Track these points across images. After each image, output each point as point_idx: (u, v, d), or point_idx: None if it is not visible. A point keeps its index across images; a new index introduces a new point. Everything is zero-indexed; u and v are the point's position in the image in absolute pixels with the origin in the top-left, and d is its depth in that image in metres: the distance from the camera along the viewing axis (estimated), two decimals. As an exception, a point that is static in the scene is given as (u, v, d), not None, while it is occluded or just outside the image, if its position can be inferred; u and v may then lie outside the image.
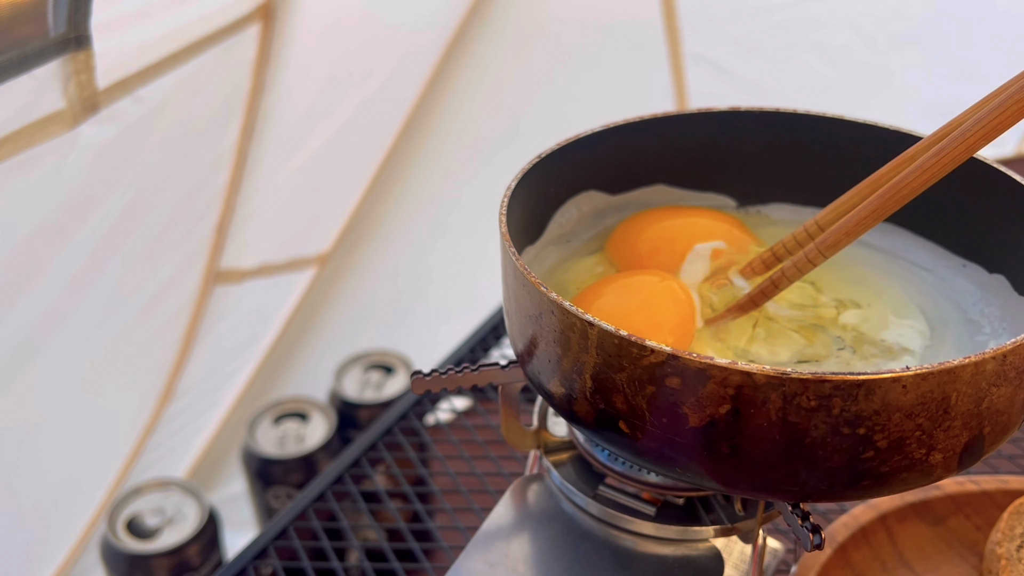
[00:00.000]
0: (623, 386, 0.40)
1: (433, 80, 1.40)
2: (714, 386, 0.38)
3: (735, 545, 0.52)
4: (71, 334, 1.01)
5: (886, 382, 0.37)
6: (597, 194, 0.58)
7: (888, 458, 0.39)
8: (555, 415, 0.58)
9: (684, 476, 0.42)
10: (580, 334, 0.40)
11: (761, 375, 0.37)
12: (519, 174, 0.50)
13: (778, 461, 0.39)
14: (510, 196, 0.48)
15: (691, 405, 0.39)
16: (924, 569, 0.63)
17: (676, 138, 0.57)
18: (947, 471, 0.41)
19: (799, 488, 0.41)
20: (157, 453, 1.25)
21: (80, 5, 0.81)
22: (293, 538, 0.77)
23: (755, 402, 0.38)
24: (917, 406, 0.38)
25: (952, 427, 0.39)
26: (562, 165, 0.54)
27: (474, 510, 0.79)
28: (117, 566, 0.93)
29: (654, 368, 0.39)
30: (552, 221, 0.56)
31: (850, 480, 0.40)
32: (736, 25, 1.32)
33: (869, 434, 0.38)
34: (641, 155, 0.57)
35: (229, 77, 1.10)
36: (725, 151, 0.58)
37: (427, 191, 1.50)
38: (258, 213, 1.25)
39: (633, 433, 0.41)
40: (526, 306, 0.44)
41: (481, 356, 0.98)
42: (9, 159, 0.82)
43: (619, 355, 0.39)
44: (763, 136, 0.57)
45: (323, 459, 1.08)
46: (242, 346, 1.37)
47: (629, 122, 0.55)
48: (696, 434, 0.40)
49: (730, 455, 0.40)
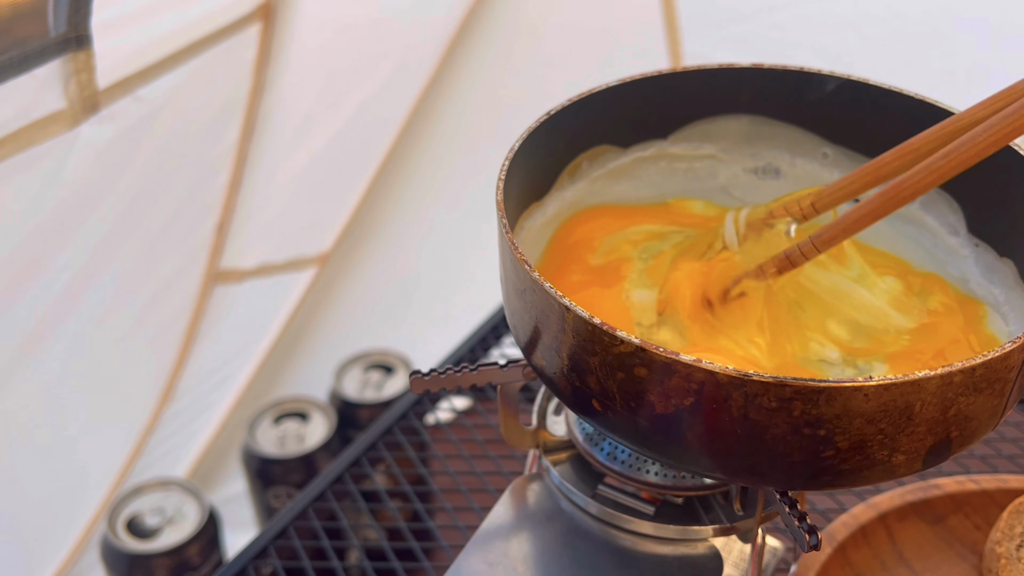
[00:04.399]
0: (596, 369, 0.41)
1: (433, 80, 1.40)
2: (679, 380, 0.39)
3: (734, 544, 0.52)
4: (71, 334, 1.01)
5: (847, 390, 0.37)
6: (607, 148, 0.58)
7: (849, 457, 0.40)
8: (554, 415, 0.58)
9: (652, 454, 0.44)
10: (558, 316, 0.41)
11: (723, 375, 0.37)
12: (517, 141, 0.51)
13: (739, 453, 0.40)
14: (507, 168, 0.49)
15: (657, 395, 0.40)
16: (924, 568, 0.63)
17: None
18: (911, 470, 0.42)
19: (761, 477, 0.42)
20: (157, 453, 1.25)
21: (80, 5, 0.81)
22: (293, 538, 0.77)
23: (717, 399, 0.38)
24: (879, 413, 0.38)
25: (916, 432, 0.39)
26: (562, 130, 0.54)
27: (474, 509, 0.79)
28: (117, 566, 0.93)
29: (623, 357, 0.39)
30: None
31: (811, 474, 0.41)
32: (736, 25, 1.32)
33: (830, 435, 0.39)
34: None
35: (229, 77, 1.10)
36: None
37: (427, 191, 1.50)
38: (258, 213, 1.25)
39: (605, 412, 0.43)
40: (514, 280, 0.45)
41: (481, 356, 0.99)
42: (9, 159, 0.82)
43: (592, 341, 0.40)
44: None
45: (323, 459, 1.08)
46: (242, 346, 1.37)
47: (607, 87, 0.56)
48: (662, 420, 0.41)
49: (694, 443, 0.41)
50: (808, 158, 0.58)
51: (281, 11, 1.11)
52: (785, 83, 0.56)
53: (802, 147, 0.58)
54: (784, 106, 0.57)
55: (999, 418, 0.43)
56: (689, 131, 0.59)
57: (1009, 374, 0.40)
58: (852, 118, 0.56)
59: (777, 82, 0.56)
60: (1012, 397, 0.42)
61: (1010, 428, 0.83)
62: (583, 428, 0.55)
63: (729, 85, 0.57)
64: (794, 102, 0.57)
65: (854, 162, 0.56)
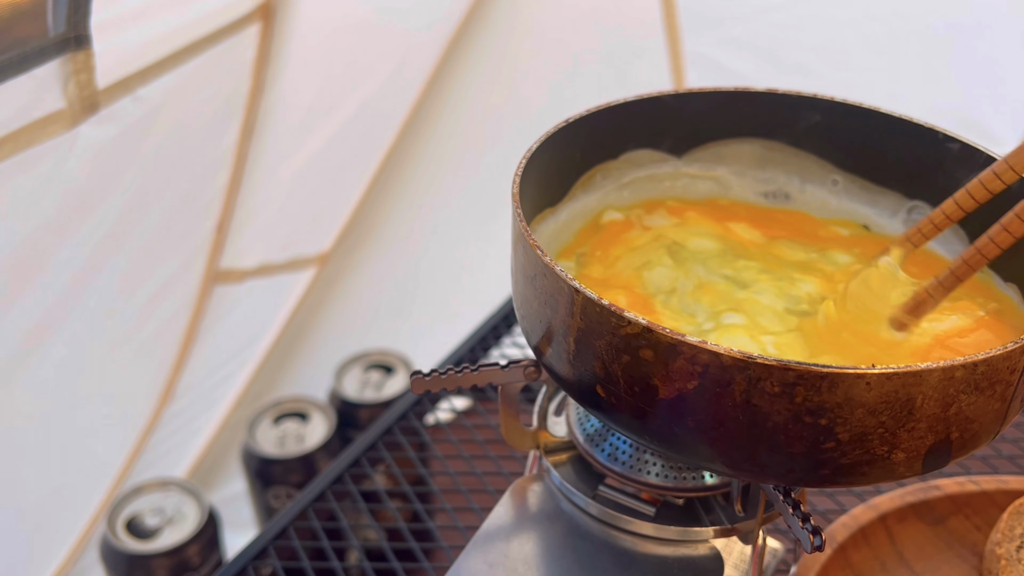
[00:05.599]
0: (602, 352, 0.42)
1: (433, 80, 1.40)
2: (683, 362, 0.39)
3: (735, 545, 0.52)
4: (71, 334, 1.01)
5: (850, 377, 0.37)
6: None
7: (849, 451, 0.40)
8: (555, 416, 0.58)
9: (654, 445, 0.44)
10: (567, 299, 0.42)
11: (728, 356, 0.38)
12: (536, 143, 0.51)
13: (741, 441, 0.41)
14: (524, 166, 0.49)
15: (662, 378, 0.40)
16: (924, 569, 0.63)
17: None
18: (911, 471, 0.42)
19: (761, 470, 0.42)
20: (157, 453, 1.25)
21: (80, 5, 0.81)
22: (293, 538, 0.77)
23: (721, 382, 0.39)
24: (880, 404, 0.38)
25: (916, 428, 0.40)
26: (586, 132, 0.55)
27: (474, 510, 0.79)
28: (117, 566, 0.93)
29: (630, 339, 0.40)
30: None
31: (810, 468, 0.41)
32: (736, 25, 1.32)
33: (831, 425, 0.39)
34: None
35: (229, 77, 1.10)
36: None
37: (427, 191, 1.50)
38: (258, 213, 1.25)
39: (609, 399, 0.43)
40: (524, 267, 0.46)
41: (481, 356, 0.99)
42: (9, 159, 0.82)
43: (599, 323, 0.41)
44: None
45: (323, 459, 1.08)
46: (242, 346, 1.37)
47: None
48: (666, 406, 0.41)
49: (696, 431, 0.41)
50: (817, 184, 0.59)
51: (281, 11, 1.11)
52: (797, 109, 0.57)
53: (812, 173, 0.59)
54: (795, 132, 0.58)
55: (1000, 425, 0.43)
56: (702, 152, 0.60)
57: (1011, 376, 0.40)
58: (861, 145, 0.57)
59: (790, 108, 0.57)
60: (1014, 405, 0.42)
61: (1011, 428, 0.83)
62: (584, 429, 0.55)
63: (743, 109, 0.58)
64: (805, 128, 0.58)
65: (863, 189, 0.58)
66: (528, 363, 0.52)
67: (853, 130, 0.56)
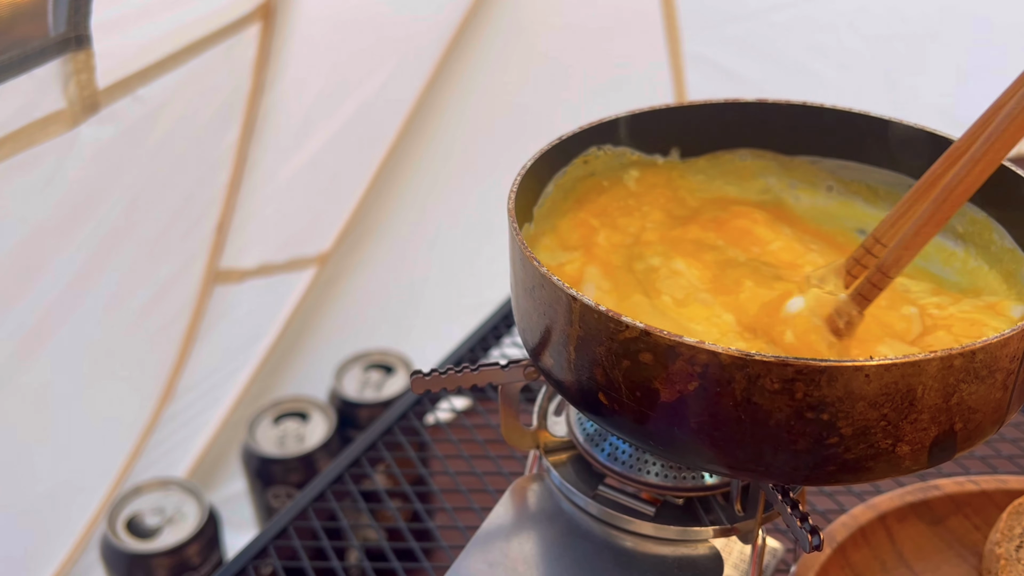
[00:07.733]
0: (602, 359, 0.42)
1: (433, 80, 1.40)
2: (683, 363, 0.39)
3: (734, 545, 0.52)
4: (71, 334, 1.01)
5: (848, 370, 0.38)
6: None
7: (853, 446, 0.40)
8: (555, 415, 0.58)
9: (657, 449, 0.44)
10: (565, 308, 0.43)
11: (727, 355, 0.38)
12: (529, 160, 0.52)
13: (744, 443, 0.41)
14: (519, 183, 0.50)
15: (662, 380, 0.40)
16: (923, 569, 0.63)
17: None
18: (917, 464, 0.42)
19: (765, 470, 0.42)
20: (157, 453, 1.25)
21: (80, 5, 0.81)
22: (293, 537, 0.77)
23: (721, 381, 0.39)
24: (881, 396, 0.38)
25: (919, 420, 0.40)
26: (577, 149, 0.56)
27: (474, 510, 0.79)
28: (117, 565, 0.93)
29: (628, 343, 0.40)
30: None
31: (815, 464, 0.41)
32: (736, 25, 1.32)
33: (833, 420, 0.39)
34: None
35: (229, 77, 1.10)
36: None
37: (427, 191, 1.50)
38: (258, 213, 1.25)
39: (611, 406, 0.43)
40: (523, 279, 0.46)
41: (481, 356, 0.99)
42: (9, 159, 0.82)
43: (598, 329, 0.41)
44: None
45: (323, 459, 1.08)
46: (242, 346, 1.37)
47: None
48: (667, 409, 0.41)
49: (698, 433, 0.41)
50: (813, 190, 0.59)
51: (281, 11, 1.11)
52: (788, 117, 0.58)
53: (808, 179, 0.59)
54: (788, 139, 0.59)
55: (1004, 415, 0.43)
56: (700, 162, 0.60)
57: (1011, 364, 0.40)
58: (854, 149, 0.57)
59: (781, 116, 0.58)
60: (1016, 394, 0.42)
61: (1010, 428, 0.83)
62: (584, 428, 0.55)
63: (735, 119, 0.59)
64: (797, 135, 0.58)
65: (857, 194, 0.58)
66: (528, 363, 0.52)
67: (844, 135, 0.57)
